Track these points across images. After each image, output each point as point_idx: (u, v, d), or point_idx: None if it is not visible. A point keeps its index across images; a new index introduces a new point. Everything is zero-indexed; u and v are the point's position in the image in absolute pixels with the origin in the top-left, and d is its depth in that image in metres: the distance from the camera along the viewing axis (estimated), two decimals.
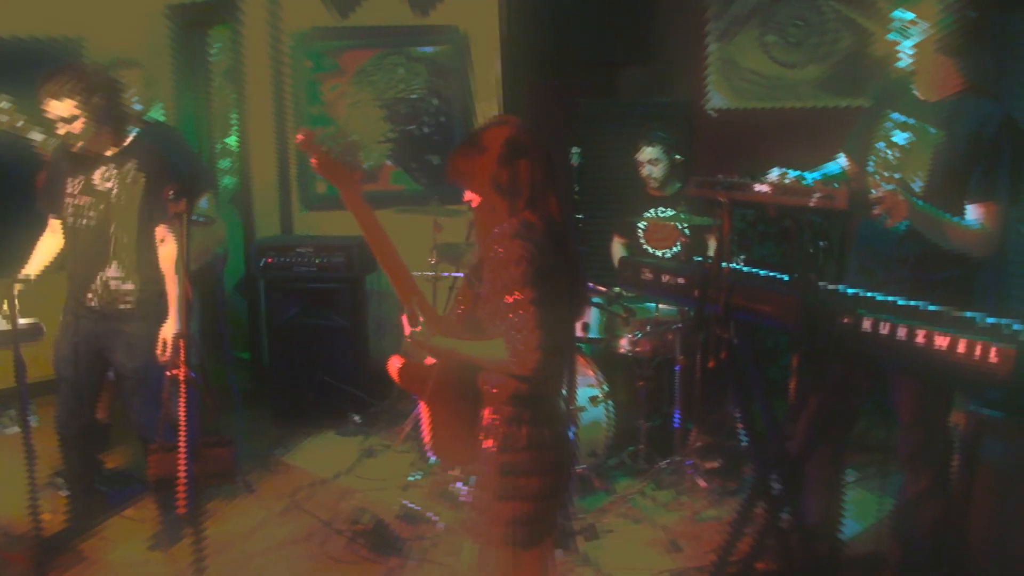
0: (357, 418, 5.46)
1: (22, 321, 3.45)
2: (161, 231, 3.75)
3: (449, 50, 6.09)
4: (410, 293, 2.52)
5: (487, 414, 2.47)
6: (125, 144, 3.77)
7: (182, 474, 2.84)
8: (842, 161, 3.45)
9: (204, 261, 4.90)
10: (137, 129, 3.85)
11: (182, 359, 2.78)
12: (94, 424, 4.10)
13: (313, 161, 2.50)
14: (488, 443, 2.43)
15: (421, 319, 2.47)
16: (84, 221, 3.73)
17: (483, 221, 2.49)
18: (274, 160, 6.27)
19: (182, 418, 2.79)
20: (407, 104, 6.13)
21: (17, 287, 3.48)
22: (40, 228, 3.96)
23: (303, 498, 4.50)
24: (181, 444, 2.82)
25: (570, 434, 2.57)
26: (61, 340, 3.84)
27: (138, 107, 4.58)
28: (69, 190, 3.74)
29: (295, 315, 5.59)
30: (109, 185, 3.71)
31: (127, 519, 4.23)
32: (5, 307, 3.39)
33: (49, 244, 3.90)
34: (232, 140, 6.86)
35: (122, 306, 3.78)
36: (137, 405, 3.86)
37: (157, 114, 4.97)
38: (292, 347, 5.59)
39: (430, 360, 2.57)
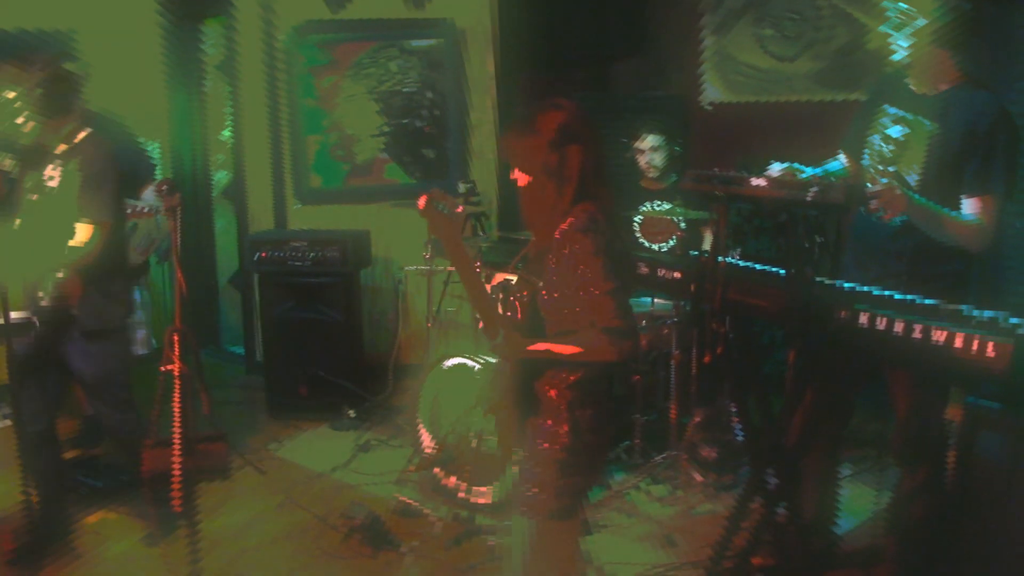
0: (351, 412, 5.45)
1: (14, 315, 3.42)
2: (81, 227, 3.63)
3: (443, 43, 6.08)
4: (491, 312, 2.64)
5: (553, 396, 2.52)
6: (75, 142, 3.65)
7: (176, 469, 2.82)
8: (843, 159, 3.44)
9: (150, 253, 4.89)
10: (89, 127, 3.73)
11: (177, 354, 2.76)
12: (55, 424, 3.94)
13: (426, 216, 2.61)
14: (553, 424, 2.52)
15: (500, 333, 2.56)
16: (35, 218, 3.64)
17: (529, 202, 2.55)
18: (268, 154, 6.24)
19: (176, 413, 2.77)
20: (402, 97, 6.12)
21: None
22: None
23: (298, 493, 4.49)
24: (176, 439, 2.79)
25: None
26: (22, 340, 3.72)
27: None
28: (27, 186, 3.65)
29: (289, 309, 5.57)
30: (54, 184, 3.62)
31: (120, 514, 4.21)
32: None
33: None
34: (226, 134, 6.83)
35: (70, 308, 3.66)
36: (102, 409, 3.82)
37: None
38: (286, 341, 5.57)
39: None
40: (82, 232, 3.57)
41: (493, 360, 4.01)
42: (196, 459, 3.02)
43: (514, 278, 4.04)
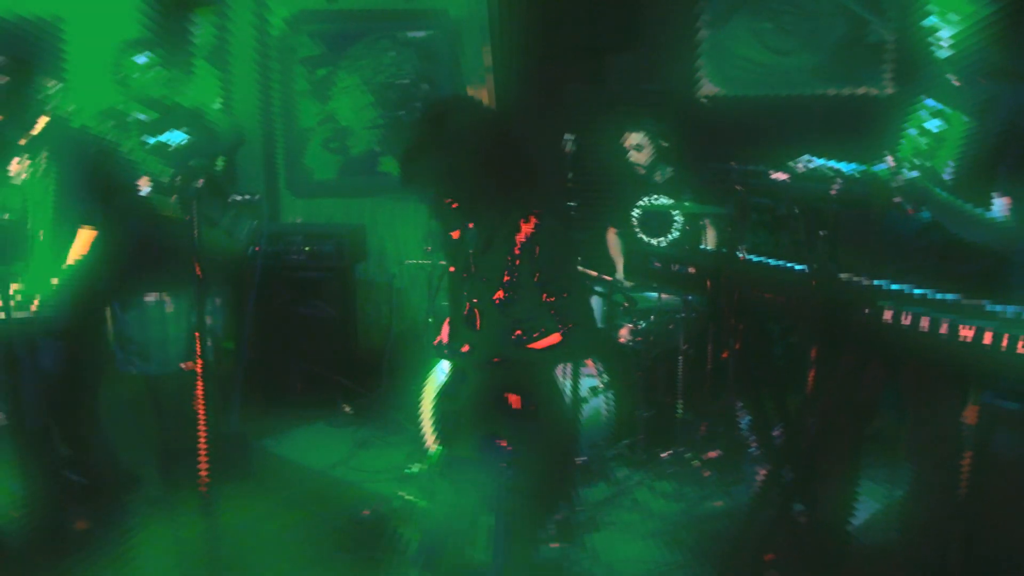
0: (348, 408, 5.38)
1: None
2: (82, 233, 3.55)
3: (438, 35, 6.01)
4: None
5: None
6: (34, 133, 3.51)
7: (203, 468, 2.77)
8: (890, 161, 3.35)
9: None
10: (47, 118, 3.58)
11: (198, 352, 2.69)
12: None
13: None
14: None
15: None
16: (5, 215, 3.49)
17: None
18: (261, 147, 6.15)
19: (200, 412, 2.71)
20: (396, 89, 6.04)
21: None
22: None
23: (297, 491, 4.43)
24: (201, 439, 2.74)
25: None
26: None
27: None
28: None
29: (283, 304, 5.49)
30: (23, 178, 3.48)
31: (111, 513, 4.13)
32: None
33: None
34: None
35: (42, 308, 3.50)
36: (65, 411, 3.69)
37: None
38: (280, 337, 5.49)
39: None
40: (84, 239, 3.50)
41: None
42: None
43: None
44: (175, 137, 4.15)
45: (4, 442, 3.42)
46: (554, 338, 2.49)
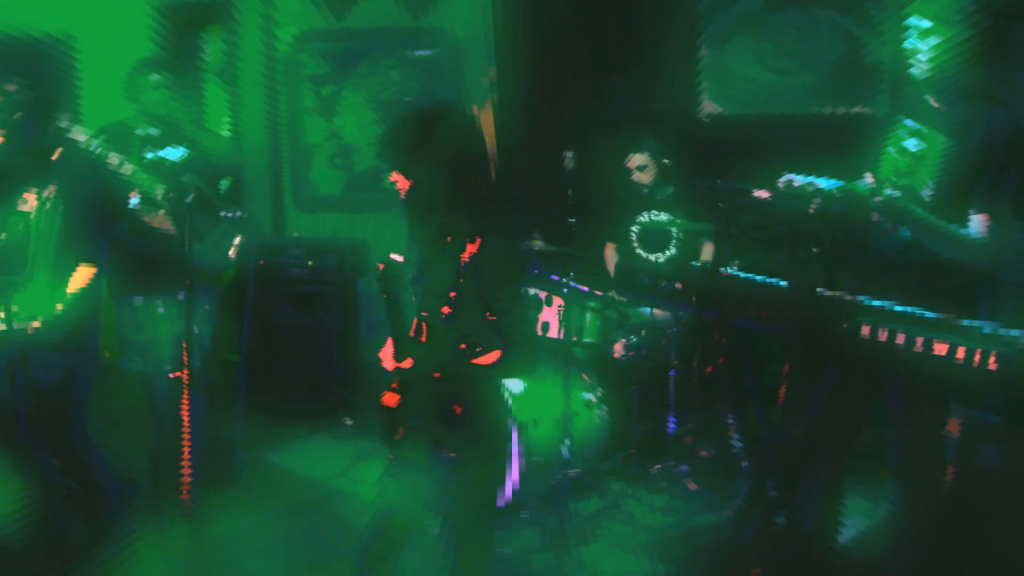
0: (348, 420, 5.45)
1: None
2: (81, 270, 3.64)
3: (443, 53, 6.10)
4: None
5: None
6: (47, 165, 3.60)
7: (186, 474, 2.82)
8: (870, 179, 3.40)
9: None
10: (60, 149, 3.68)
11: (185, 361, 2.76)
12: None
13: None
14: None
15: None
16: (3, 236, 3.56)
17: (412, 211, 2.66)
18: (267, 162, 6.25)
19: (185, 420, 2.78)
20: (402, 107, 6.13)
21: None
22: None
23: (296, 501, 4.48)
24: (185, 445, 2.80)
25: None
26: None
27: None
28: None
29: (286, 317, 5.57)
30: (27, 208, 3.56)
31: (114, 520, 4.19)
32: None
33: None
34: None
35: (33, 331, 3.55)
36: (47, 425, 3.70)
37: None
38: (283, 349, 5.57)
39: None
40: (83, 275, 3.60)
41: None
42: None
43: None
44: (173, 153, 4.25)
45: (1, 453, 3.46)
46: (495, 355, 2.53)
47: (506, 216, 2.63)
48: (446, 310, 2.55)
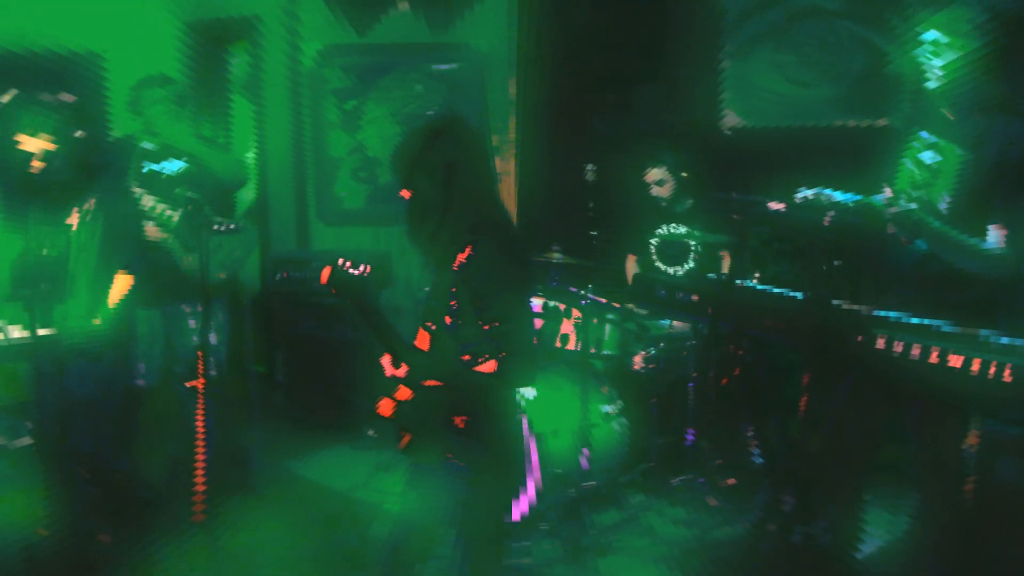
0: (371, 431, 5.48)
1: (41, 332, 3.48)
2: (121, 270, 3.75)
3: (465, 68, 6.15)
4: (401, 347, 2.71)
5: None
6: (89, 179, 3.72)
7: (200, 483, 2.86)
8: (888, 192, 3.39)
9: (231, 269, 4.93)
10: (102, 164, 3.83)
11: (200, 370, 2.80)
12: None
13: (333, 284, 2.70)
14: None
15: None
16: (45, 251, 3.66)
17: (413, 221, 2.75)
18: (291, 175, 6.32)
19: (199, 428, 2.82)
20: (424, 121, 6.17)
21: None
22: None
23: (317, 511, 4.52)
24: (199, 454, 2.84)
25: None
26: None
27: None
28: (33, 218, 3.66)
29: (310, 329, 5.62)
30: (70, 220, 3.67)
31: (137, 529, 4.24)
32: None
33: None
34: (251, 156, 6.91)
35: (75, 340, 3.66)
36: (78, 431, 3.77)
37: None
38: (307, 361, 5.62)
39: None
40: (122, 283, 3.71)
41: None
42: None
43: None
44: (171, 166, 4.33)
45: (30, 462, 3.51)
46: (492, 364, 2.54)
47: (503, 226, 2.65)
48: (448, 320, 2.58)
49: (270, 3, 6.20)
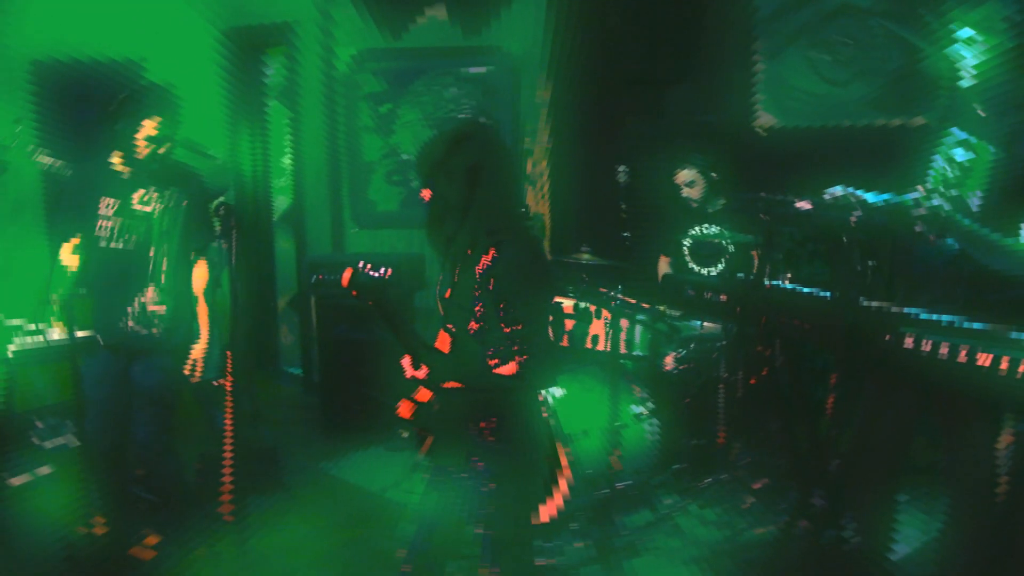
0: (405, 433, 5.51)
1: (79, 334, 3.54)
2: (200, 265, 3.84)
3: (498, 71, 6.18)
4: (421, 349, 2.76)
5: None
6: (162, 167, 3.76)
7: (228, 482, 2.90)
8: (921, 191, 3.36)
9: None
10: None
11: (229, 370, 2.85)
12: (124, 441, 3.99)
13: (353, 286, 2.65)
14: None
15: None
16: (119, 244, 3.72)
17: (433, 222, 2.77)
18: (326, 179, 6.39)
19: (228, 427, 2.86)
20: (452, 124, 6.21)
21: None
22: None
23: (350, 512, 4.57)
24: (227, 453, 2.88)
25: None
26: (89, 360, 3.81)
27: None
28: (101, 211, 3.71)
29: (345, 331, 5.67)
30: (149, 208, 3.73)
31: (174, 529, 4.31)
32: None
33: (69, 264, 3.84)
34: (286, 160, 7.01)
35: (155, 329, 3.76)
36: (143, 420, 3.85)
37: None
38: (342, 362, 5.67)
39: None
40: (203, 270, 3.82)
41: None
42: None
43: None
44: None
45: (74, 462, 3.57)
46: (512, 367, 2.55)
47: (522, 230, 2.66)
48: (473, 326, 2.59)
49: (305, 9, 6.28)
